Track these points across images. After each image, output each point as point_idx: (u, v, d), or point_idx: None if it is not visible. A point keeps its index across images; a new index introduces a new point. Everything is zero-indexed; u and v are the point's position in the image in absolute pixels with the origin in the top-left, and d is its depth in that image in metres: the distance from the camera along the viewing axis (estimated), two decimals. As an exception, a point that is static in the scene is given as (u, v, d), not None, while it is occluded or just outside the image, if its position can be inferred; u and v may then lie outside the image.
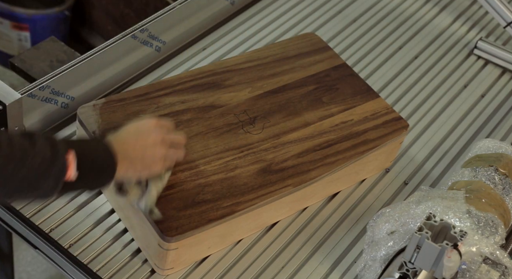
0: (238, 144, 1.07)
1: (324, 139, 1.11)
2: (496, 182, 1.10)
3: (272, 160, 1.06)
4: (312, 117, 1.14)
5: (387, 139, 1.14)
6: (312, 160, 1.08)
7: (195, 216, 0.96)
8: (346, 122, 1.14)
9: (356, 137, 1.13)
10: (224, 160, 1.04)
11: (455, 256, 0.87)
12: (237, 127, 1.09)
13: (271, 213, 1.07)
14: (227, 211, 0.98)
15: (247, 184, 1.02)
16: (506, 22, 1.52)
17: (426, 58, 1.50)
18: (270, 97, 1.15)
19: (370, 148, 1.12)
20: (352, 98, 1.18)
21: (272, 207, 1.04)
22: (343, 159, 1.09)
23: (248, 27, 1.46)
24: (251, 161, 1.05)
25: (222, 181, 1.01)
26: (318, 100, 1.17)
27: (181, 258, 0.98)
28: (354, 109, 1.17)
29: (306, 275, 1.06)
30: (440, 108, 1.39)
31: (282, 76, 1.19)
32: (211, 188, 1.00)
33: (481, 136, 1.34)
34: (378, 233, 1.03)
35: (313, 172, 1.06)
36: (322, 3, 1.57)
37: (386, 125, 1.16)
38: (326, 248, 1.10)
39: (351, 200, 1.17)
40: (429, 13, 1.62)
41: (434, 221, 0.91)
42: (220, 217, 0.97)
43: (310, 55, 1.25)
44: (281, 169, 1.05)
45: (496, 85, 1.47)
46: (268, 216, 1.07)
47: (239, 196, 1.00)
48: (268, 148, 1.07)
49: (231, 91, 1.14)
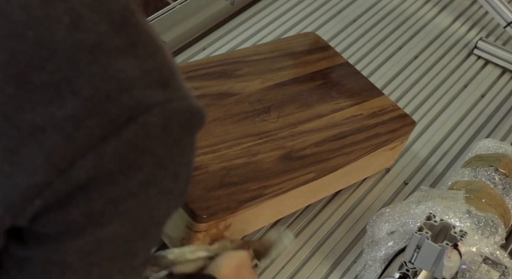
0: (256, 131, 1.07)
1: (338, 130, 1.12)
2: (496, 182, 1.10)
3: (292, 147, 1.07)
4: (324, 110, 1.15)
5: (398, 134, 1.15)
6: (330, 150, 1.08)
7: (224, 198, 0.95)
8: (356, 116, 1.16)
9: (368, 131, 1.14)
10: (244, 145, 1.04)
11: (455, 256, 0.87)
12: (253, 115, 1.10)
13: (291, 202, 1.07)
14: (255, 194, 0.98)
15: (271, 169, 1.02)
16: (506, 22, 1.52)
17: (426, 58, 1.50)
18: (281, 89, 1.16)
19: (383, 141, 1.13)
20: (359, 94, 1.20)
21: (293, 195, 1.04)
22: (359, 150, 1.10)
23: (248, 27, 1.46)
24: (271, 147, 1.05)
25: (246, 165, 1.01)
26: (328, 94, 1.18)
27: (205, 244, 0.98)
28: (363, 104, 1.18)
29: (306, 275, 1.06)
30: (440, 108, 1.39)
31: (290, 70, 1.21)
32: (236, 171, 1.00)
33: (481, 136, 1.34)
34: (378, 233, 1.03)
35: (333, 161, 1.07)
36: (322, 3, 1.57)
37: (394, 121, 1.17)
38: (326, 248, 1.10)
39: (351, 200, 1.17)
40: (429, 13, 1.62)
41: (434, 221, 0.91)
42: (249, 200, 0.97)
43: (313, 53, 1.26)
44: (301, 157, 1.06)
45: (496, 85, 1.47)
46: (288, 205, 1.07)
47: (265, 180, 1.00)
48: (286, 136, 1.08)
49: (242, 81, 1.15)
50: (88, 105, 0.48)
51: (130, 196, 0.52)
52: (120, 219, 0.52)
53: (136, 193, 0.52)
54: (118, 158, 0.49)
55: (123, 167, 0.50)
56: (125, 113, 0.49)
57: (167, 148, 0.52)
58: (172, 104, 0.51)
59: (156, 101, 0.50)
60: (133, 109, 0.49)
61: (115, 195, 0.51)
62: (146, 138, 0.50)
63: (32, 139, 0.48)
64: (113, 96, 0.49)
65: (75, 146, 0.48)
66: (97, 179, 0.49)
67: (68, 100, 0.48)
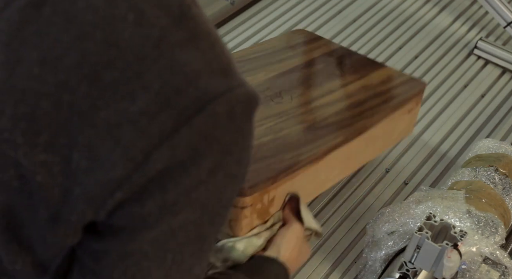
0: (274, 112, 1.07)
1: (353, 99, 1.13)
2: (496, 182, 1.10)
3: (314, 120, 1.07)
4: (334, 86, 1.16)
5: (411, 94, 1.16)
6: (352, 116, 1.09)
7: (261, 170, 0.95)
8: (367, 86, 1.17)
9: (382, 95, 1.14)
10: (267, 126, 1.05)
11: (455, 256, 0.87)
12: (267, 100, 1.10)
13: (326, 174, 1.06)
14: (291, 162, 0.97)
15: (300, 140, 1.02)
16: (506, 22, 1.52)
17: (426, 58, 1.50)
18: (286, 76, 1.17)
19: (400, 102, 1.13)
20: (363, 68, 1.21)
21: (327, 164, 1.04)
22: (380, 112, 1.11)
23: (248, 27, 1.46)
24: (293, 123, 1.06)
25: (274, 140, 1.01)
26: (333, 73, 1.19)
27: (253, 222, 0.96)
28: (369, 76, 1.19)
29: (306, 275, 1.06)
30: (440, 108, 1.39)
31: (290, 60, 1.22)
32: (266, 146, 1.00)
33: (481, 136, 1.34)
34: (378, 233, 1.03)
35: (357, 124, 1.07)
36: (322, 3, 1.57)
37: (404, 84, 1.18)
38: (326, 248, 1.10)
39: (351, 200, 1.18)
40: (429, 13, 1.62)
41: (434, 221, 0.91)
42: (287, 168, 0.96)
43: (308, 44, 1.28)
44: (326, 125, 1.06)
45: (496, 85, 1.47)
46: (324, 177, 1.06)
47: (297, 149, 1.00)
48: (305, 112, 1.09)
49: (247, 75, 1.16)
50: (158, 98, 0.50)
51: (200, 184, 0.53)
52: (192, 206, 0.54)
53: (205, 180, 0.54)
54: (190, 148, 0.51)
55: (195, 156, 0.52)
56: (194, 103, 0.51)
57: (232, 134, 0.54)
58: (234, 92, 0.53)
59: (220, 90, 0.52)
60: (200, 99, 0.51)
61: (187, 184, 0.53)
62: (214, 126, 0.52)
63: (108, 135, 0.50)
64: (181, 89, 0.51)
65: (150, 139, 0.50)
66: (171, 170, 0.51)
67: (140, 95, 0.50)
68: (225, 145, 0.54)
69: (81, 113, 0.50)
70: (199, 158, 0.52)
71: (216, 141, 0.53)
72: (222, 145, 0.54)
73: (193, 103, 0.51)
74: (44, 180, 0.51)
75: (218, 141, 0.53)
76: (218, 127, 0.53)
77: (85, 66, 0.50)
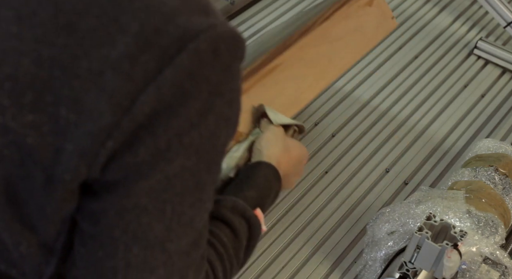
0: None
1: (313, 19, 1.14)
2: (496, 182, 1.10)
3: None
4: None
5: None
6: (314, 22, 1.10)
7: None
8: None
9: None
10: None
11: (455, 256, 0.87)
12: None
13: (294, 84, 1.06)
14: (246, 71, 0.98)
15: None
16: (506, 22, 1.52)
17: (426, 58, 1.50)
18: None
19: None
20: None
21: (290, 67, 1.04)
22: (330, 11, 1.11)
23: (248, 27, 1.46)
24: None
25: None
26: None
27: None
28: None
29: (306, 275, 1.06)
30: (440, 108, 1.39)
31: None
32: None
33: (481, 136, 1.34)
34: (378, 233, 1.03)
35: (318, 24, 1.09)
36: (322, 3, 1.57)
37: None
38: (326, 248, 1.10)
39: (351, 200, 1.17)
40: (429, 13, 1.62)
41: (434, 221, 0.91)
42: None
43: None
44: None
45: (496, 85, 1.47)
46: (292, 86, 1.06)
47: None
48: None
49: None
50: (138, 40, 0.50)
51: (192, 127, 0.53)
52: (186, 151, 0.54)
53: (197, 123, 0.53)
54: (176, 88, 0.51)
55: (182, 96, 0.51)
56: (175, 42, 0.51)
57: (220, 73, 0.54)
58: (217, 30, 0.52)
59: (201, 28, 0.52)
60: (182, 37, 0.51)
61: (178, 128, 0.52)
62: (199, 65, 0.52)
63: (92, 84, 0.49)
64: (160, 28, 0.50)
65: (134, 82, 0.50)
66: (159, 113, 0.51)
67: (119, 39, 0.50)
68: (214, 85, 0.53)
69: (62, 66, 0.49)
70: (187, 98, 0.52)
71: (203, 80, 0.52)
72: (210, 85, 0.53)
73: (174, 42, 0.50)
74: (35, 141, 0.50)
75: (206, 80, 0.52)
76: (204, 65, 0.52)
77: (60, 17, 0.50)
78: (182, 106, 0.51)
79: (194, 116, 0.53)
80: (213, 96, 0.53)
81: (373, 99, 1.38)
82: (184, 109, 0.52)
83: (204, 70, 0.52)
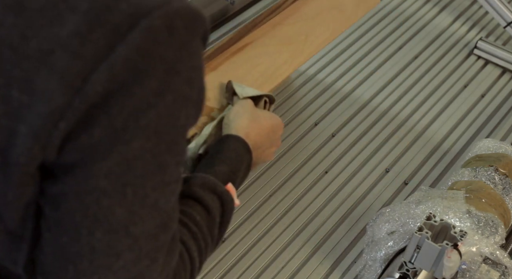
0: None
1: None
2: (496, 182, 1.10)
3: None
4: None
5: None
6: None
7: None
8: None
9: None
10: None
11: (455, 256, 0.87)
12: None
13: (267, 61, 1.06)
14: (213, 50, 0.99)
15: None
16: (506, 22, 1.52)
17: (426, 58, 1.50)
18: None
19: None
20: None
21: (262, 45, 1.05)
22: None
23: (248, 27, 1.46)
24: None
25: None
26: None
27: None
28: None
29: (306, 275, 1.06)
30: (440, 108, 1.39)
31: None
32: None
33: (481, 136, 1.34)
34: (378, 233, 1.03)
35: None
36: (322, 3, 1.57)
37: None
38: (326, 248, 1.10)
39: (351, 200, 1.18)
40: (429, 13, 1.62)
41: (434, 221, 0.91)
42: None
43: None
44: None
45: (496, 85, 1.47)
46: (265, 62, 1.05)
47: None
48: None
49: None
50: (88, 18, 0.49)
51: (149, 107, 0.51)
52: (144, 132, 0.52)
53: (154, 103, 0.52)
54: (130, 66, 0.50)
55: (136, 75, 0.50)
56: (127, 19, 0.49)
57: (176, 51, 0.52)
58: (172, 6, 0.51)
59: (155, 4, 0.50)
60: (134, 14, 0.49)
61: (134, 107, 0.51)
62: (153, 42, 0.50)
63: (42, 64, 0.48)
64: (111, 5, 0.49)
65: (85, 61, 0.48)
66: (114, 92, 0.50)
67: (68, 17, 0.48)
68: (169, 63, 0.52)
69: (12, 46, 0.48)
70: (142, 77, 0.50)
71: (157, 58, 0.51)
72: (165, 63, 0.51)
73: (126, 19, 0.49)
74: None
75: (160, 58, 0.51)
76: (158, 43, 0.50)
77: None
78: (137, 85, 0.50)
79: (151, 95, 0.51)
80: (170, 75, 0.52)
81: (373, 99, 1.38)
82: (139, 88, 0.50)
83: (159, 47, 0.51)
